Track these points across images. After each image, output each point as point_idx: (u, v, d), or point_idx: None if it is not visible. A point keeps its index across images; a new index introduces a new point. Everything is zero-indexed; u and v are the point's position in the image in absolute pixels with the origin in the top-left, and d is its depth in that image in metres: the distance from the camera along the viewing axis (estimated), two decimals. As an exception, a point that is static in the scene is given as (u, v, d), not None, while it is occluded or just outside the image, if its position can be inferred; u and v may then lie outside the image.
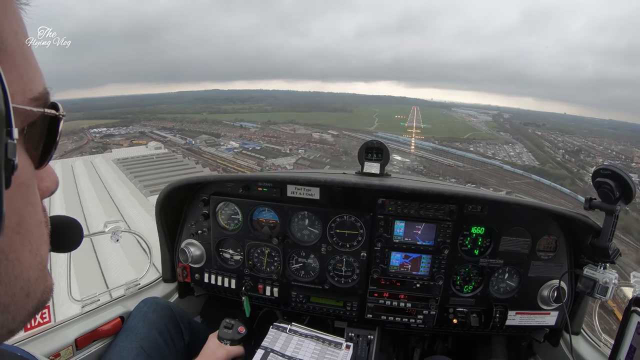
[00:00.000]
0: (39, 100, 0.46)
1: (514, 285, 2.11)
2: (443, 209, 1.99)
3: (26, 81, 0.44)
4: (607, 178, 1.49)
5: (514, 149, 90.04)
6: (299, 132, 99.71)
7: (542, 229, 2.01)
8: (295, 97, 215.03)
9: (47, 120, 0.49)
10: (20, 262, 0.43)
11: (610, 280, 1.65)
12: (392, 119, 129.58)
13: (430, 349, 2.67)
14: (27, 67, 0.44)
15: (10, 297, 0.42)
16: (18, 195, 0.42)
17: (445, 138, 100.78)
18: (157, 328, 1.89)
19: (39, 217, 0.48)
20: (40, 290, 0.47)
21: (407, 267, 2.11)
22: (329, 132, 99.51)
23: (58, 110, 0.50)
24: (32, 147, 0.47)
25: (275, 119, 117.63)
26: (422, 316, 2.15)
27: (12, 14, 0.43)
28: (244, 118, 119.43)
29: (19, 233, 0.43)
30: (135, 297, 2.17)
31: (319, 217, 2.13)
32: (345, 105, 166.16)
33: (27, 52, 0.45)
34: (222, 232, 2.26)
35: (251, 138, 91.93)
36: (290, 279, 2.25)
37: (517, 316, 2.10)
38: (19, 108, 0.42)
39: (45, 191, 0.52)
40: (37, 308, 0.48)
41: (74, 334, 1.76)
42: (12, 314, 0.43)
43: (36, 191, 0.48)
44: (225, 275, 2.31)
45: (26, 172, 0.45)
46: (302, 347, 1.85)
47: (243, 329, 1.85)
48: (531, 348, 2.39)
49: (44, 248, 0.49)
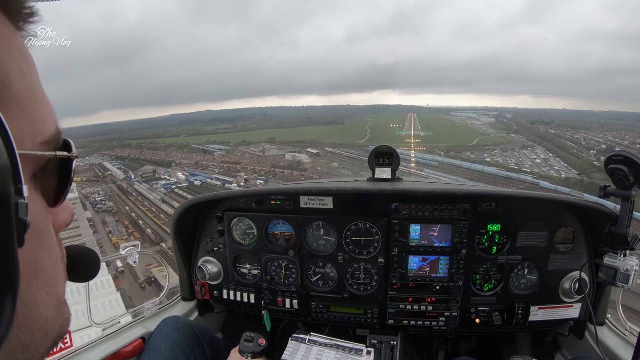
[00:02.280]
0: (51, 143, 0.45)
1: (534, 280, 2.10)
2: (458, 209, 2.00)
3: (37, 124, 0.42)
4: (620, 164, 1.49)
5: (536, 154, 78.02)
6: (270, 153, 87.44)
7: (559, 221, 2.01)
8: (287, 113, 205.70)
9: (60, 160, 0.48)
10: (38, 305, 0.43)
11: (632, 268, 1.63)
12: (387, 128, 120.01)
13: (454, 351, 2.64)
14: (37, 108, 0.43)
15: (30, 338, 0.42)
16: (32, 243, 0.41)
17: (452, 147, 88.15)
18: (179, 347, 1.88)
19: (54, 256, 0.47)
20: (57, 325, 0.48)
21: (425, 270, 2.11)
22: (308, 150, 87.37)
23: (70, 151, 0.49)
24: (46, 188, 0.46)
25: (253, 138, 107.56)
26: (444, 318, 2.13)
27: (18, 52, 0.41)
28: (218, 139, 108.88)
29: (36, 278, 0.43)
30: (155, 318, 2.17)
31: (334, 226, 2.14)
32: (337, 117, 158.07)
33: (37, 92, 0.44)
34: (238, 248, 2.27)
35: (208, 165, 78.79)
36: (310, 290, 2.25)
37: (540, 311, 2.08)
38: (29, 155, 0.41)
39: (62, 224, 0.52)
40: (56, 342, 0.48)
41: (96, 358, 1.77)
42: (32, 352, 0.43)
43: (51, 230, 0.47)
44: (244, 291, 2.31)
45: (40, 218, 0.44)
46: (323, 356, 1.84)
47: (264, 341, 1.85)
48: (556, 342, 2.36)
49: (61, 284, 0.49)
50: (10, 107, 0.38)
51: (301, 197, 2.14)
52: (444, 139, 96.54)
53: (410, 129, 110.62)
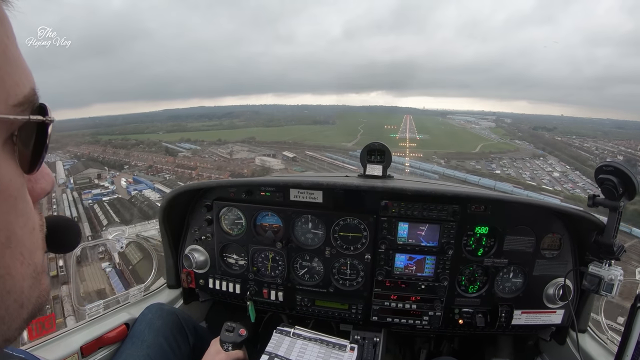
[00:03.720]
0: (24, 105, 0.43)
1: (519, 284, 2.11)
2: (446, 209, 2.00)
3: (9, 86, 0.41)
4: (610, 175, 1.49)
5: (550, 165, 68.08)
6: (238, 155, 76.95)
7: (546, 227, 2.01)
8: (280, 111, 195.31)
9: (35, 124, 0.46)
10: (12, 276, 0.42)
11: (616, 277, 1.63)
12: (380, 129, 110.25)
13: (436, 350, 2.66)
14: (10, 69, 0.41)
15: (4, 310, 0.41)
16: (5, 210, 0.40)
17: (453, 155, 77.28)
18: (163, 334, 1.88)
19: (31, 225, 0.46)
20: (34, 296, 0.47)
21: (411, 268, 2.11)
22: (284, 153, 77.39)
23: (46, 114, 0.47)
24: (20, 154, 0.45)
25: (231, 136, 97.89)
26: (428, 317, 2.14)
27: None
28: (200, 137, 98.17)
29: (9, 247, 0.41)
30: (140, 304, 2.17)
31: (322, 221, 2.13)
32: (329, 117, 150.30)
33: (11, 53, 0.42)
34: (226, 237, 2.26)
35: (162, 169, 66.66)
36: (295, 283, 2.25)
37: (523, 315, 2.09)
38: (0, 118, 0.39)
39: (41, 193, 0.51)
40: (33, 314, 0.47)
41: (79, 342, 1.76)
42: (7, 324, 0.42)
43: (27, 198, 0.46)
44: (229, 281, 2.31)
45: (14, 184, 0.42)
46: (307, 350, 1.85)
47: (244, 331, 1.85)
48: (538, 347, 2.38)
49: (39, 254, 0.48)
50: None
51: (291, 190, 2.13)
52: (443, 144, 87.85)
53: (406, 131, 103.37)
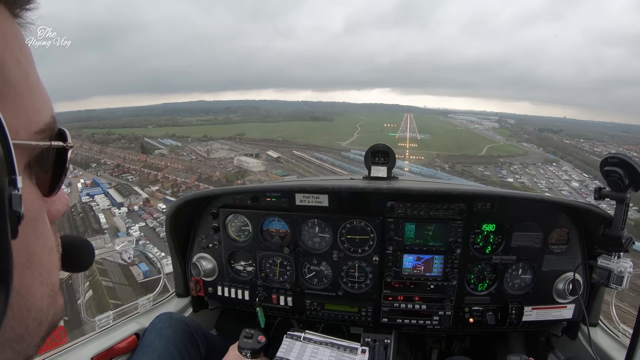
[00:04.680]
0: (45, 132, 0.44)
1: (528, 280, 2.10)
2: (453, 208, 2.00)
3: (31, 113, 0.42)
4: (616, 166, 1.49)
5: (565, 172, 63.28)
6: (217, 155, 71.06)
7: (553, 222, 2.01)
8: (279, 107, 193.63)
9: (55, 149, 0.47)
10: (32, 295, 0.43)
11: (626, 269, 1.63)
12: (379, 127, 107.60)
13: (447, 350, 2.65)
14: (32, 97, 0.42)
15: (24, 328, 0.42)
16: (26, 232, 0.41)
17: (458, 158, 70.84)
18: (173, 343, 1.88)
19: (49, 246, 0.47)
20: (51, 314, 0.48)
21: (420, 268, 2.11)
22: (268, 153, 72.24)
23: (65, 140, 0.48)
24: (40, 177, 0.46)
25: (220, 132, 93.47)
26: (438, 317, 2.14)
27: (14, 40, 0.41)
28: (178, 133, 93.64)
29: (30, 267, 0.42)
30: (149, 314, 2.17)
31: (329, 224, 2.14)
32: (327, 114, 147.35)
33: (33, 80, 0.43)
34: (233, 245, 2.27)
35: (129, 169, 61.83)
36: (304, 288, 2.25)
37: (534, 311, 2.09)
38: (23, 144, 0.40)
39: (56, 214, 0.52)
40: (49, 331, 0.48)
41: (89, 353, 1.76)
42: (27, 342, 0.43)
43: (46, 220, 0.47)
44: (238, 287, 2.31)
45: (34, 207, 0.44)
46: (318, 354, 1.84)
47: (263, 338, 1.83)
48: (549, 342, 2.37)
49: (55, 274, 0.49)
50: (4, 96, 0.37)
51: (296, 195, 2.14)
52: (445, 145, 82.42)
53: (406, 130, 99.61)
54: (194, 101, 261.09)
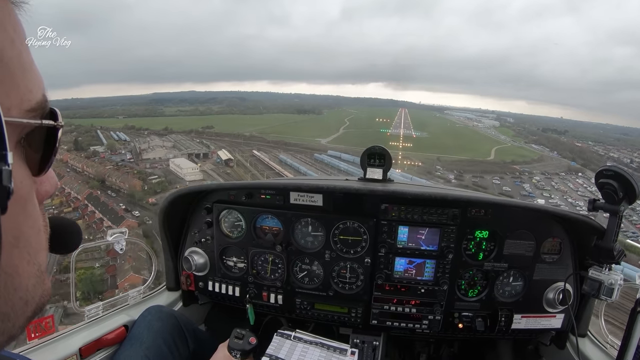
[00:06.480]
0: (37, 111, 0.45)
1: (519, 288, 2.10)
2: (446, 213, 2.00)
3: (23, 92, 0.42)
4: (611, 179, 1.50)
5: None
6: (152, 154, 55.51)
7: (546, 231, 2.01)
8: (270, 99, 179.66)
9: (46, 128, 0.48)
10: (19, 274, 0.43)
11: (616, 282, 1.63)
12: (370, 122, 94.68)
13: (436, 354, 2.65)
14: (24, 76, 0.43)
15: (10, 307, 0.42)
16: (16, 211, 0.41)
17: (465, 164, 58.41)
18: (161, 337, 1.88)
19: (37, 226, 0.47)
20: (38, 295, 0.47)
21: (411, 272, 2.11)
22: (219, 153, 58.31)
23: (56, 119, 0.49)
24: (30, 156, 0.46)
25: (187, 124, 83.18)
26: (428, 321, 2.14)
27: (7, 20, 0.41)
28: (137, 124, 79.99)
29: (17, 247, 0.43)
30: (139, 306, 2.17)
31: (322, 224, 2.13)
32: (316, 107, 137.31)
33: (26, 59, 0.43)
34: (226, 240, 2.26)
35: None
36: (295, 286, 2.25)
37: (523, 319, 2.09)
38: (14, 122, 0.41)
39: (45, 195, 0.52)
40: (36, 312, 0.48)
41: (78, 343, 1.76)
42: (12, 321, 0.43)
43: (35, 200, 0.47)
44: (229, 283, 2.30)
45: (24, 186, 0.44)
46: (307, 354, 1.84)
47: (254, 339, 1.80)
48: (537, 351, 2.37)
49: (42, 254, 0.49)
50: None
51: (291, 193, 2.13)
52: (446, 145, 70.45)
53: (400, 126, 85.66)
54: (185, 91, 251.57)
